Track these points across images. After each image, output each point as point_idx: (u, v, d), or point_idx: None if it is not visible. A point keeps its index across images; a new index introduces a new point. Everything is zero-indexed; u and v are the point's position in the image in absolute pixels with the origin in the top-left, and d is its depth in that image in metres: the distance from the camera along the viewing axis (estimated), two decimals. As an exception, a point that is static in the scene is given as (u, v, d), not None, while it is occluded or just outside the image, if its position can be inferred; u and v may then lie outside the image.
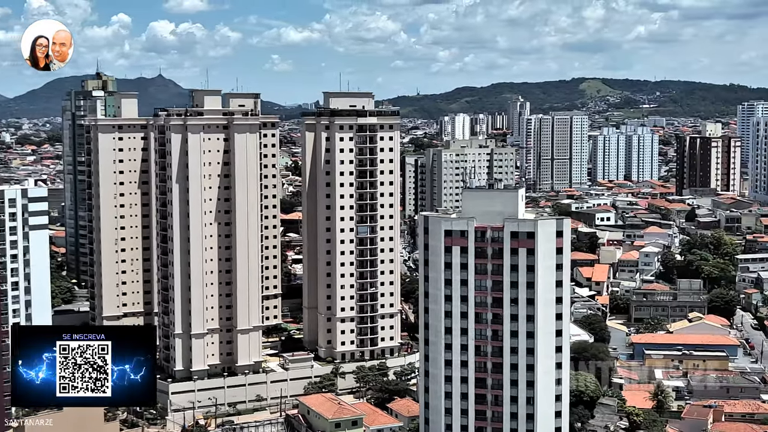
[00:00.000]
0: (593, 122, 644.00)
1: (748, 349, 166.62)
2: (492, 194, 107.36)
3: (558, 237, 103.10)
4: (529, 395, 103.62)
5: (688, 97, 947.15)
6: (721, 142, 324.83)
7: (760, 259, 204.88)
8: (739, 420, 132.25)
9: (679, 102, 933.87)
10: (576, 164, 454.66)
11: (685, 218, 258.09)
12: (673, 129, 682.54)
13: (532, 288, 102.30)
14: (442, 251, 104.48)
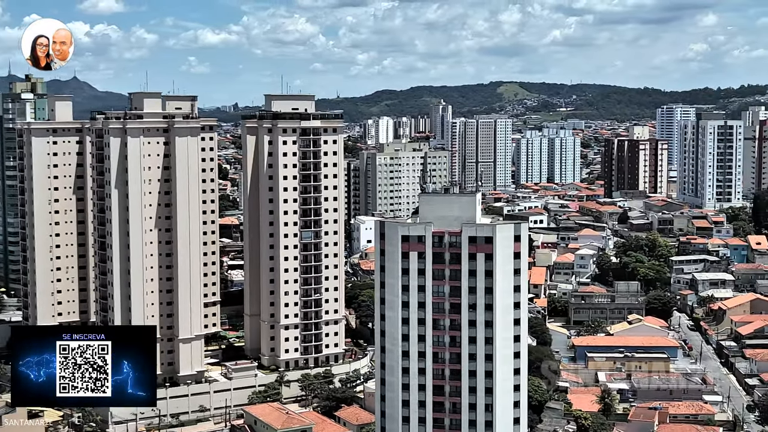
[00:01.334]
0: (513, 125, 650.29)
1: (687, 350, 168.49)
2: (449, 199, 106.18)
3: (516, 241, 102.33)
4: (488, 402, 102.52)
5: (604, 101, 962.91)
6: (648, 145, 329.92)
7: (694, 260, 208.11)
8: (683, 421, 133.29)
9: (595, 105, 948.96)
10: (500, 167, 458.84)
11: (617, 220, 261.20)
12: (592, 132, 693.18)
13: (490, 293, 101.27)
14: (399, 257, 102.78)
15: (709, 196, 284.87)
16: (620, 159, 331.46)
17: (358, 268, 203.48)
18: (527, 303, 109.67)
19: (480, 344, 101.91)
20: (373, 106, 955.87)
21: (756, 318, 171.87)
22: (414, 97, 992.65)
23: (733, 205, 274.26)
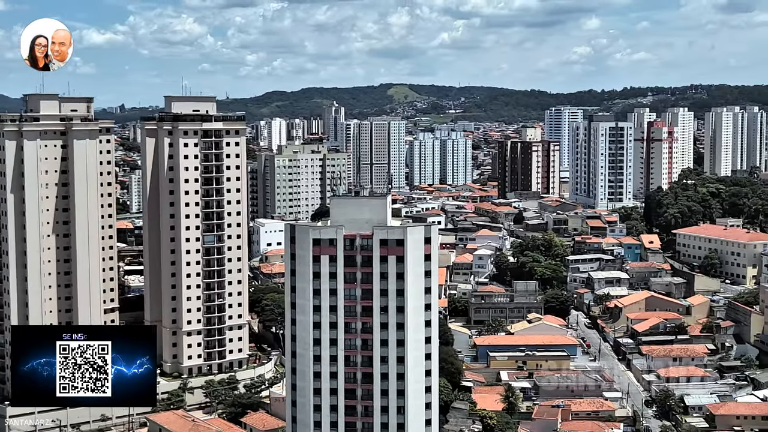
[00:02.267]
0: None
1: (586, 347, 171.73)
2: (360, 201, 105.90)
3: (426, 243, 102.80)
4: (400, 404, 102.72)
5: (492, 103, 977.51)
6: (541, 147, 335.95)
7: (589, 259, 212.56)
8: (585, 418, 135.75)
9: (484, 107, 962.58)
10: (394, 168, 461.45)
11: (513, 221, 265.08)
12: (481, 133, 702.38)
13: (401, 296, 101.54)
14: (310, 261, 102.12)
15: (601, 197, 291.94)
16: (513, 160, 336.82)
17: (259, 272, 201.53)
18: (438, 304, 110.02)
19: (392, 346, 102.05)
20: (264, 107, 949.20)
21: (651, 315, 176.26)
22: (305, 98, 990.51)
23: (625, 204, 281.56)
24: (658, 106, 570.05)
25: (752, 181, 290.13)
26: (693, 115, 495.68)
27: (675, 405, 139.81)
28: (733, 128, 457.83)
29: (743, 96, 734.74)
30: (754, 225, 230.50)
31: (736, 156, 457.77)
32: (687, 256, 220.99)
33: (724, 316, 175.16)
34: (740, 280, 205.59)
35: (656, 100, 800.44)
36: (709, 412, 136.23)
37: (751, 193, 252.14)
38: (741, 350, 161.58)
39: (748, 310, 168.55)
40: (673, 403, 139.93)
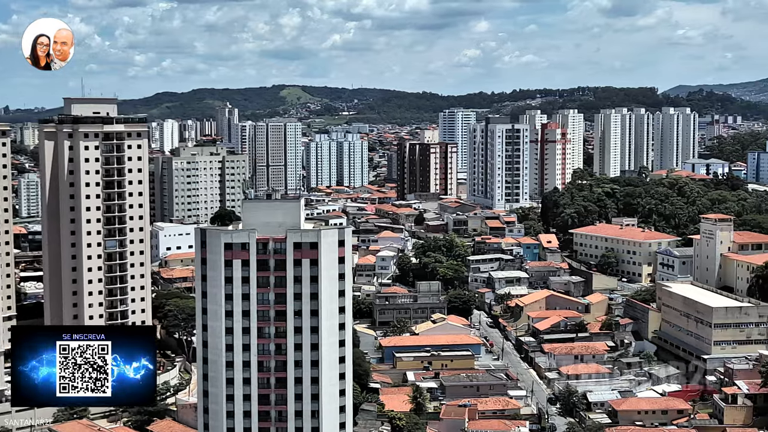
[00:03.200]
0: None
1: (489, 346, 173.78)
2: (273, 205, 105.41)
3: (340, 246, 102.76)
4: (314, 408, 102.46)
5: (385, 105, 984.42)
6: (439, 148, 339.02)
7: (490, 259, 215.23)
8: (491, 417, 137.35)
9: (377, 109, 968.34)
10: (291, 170, 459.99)
11: (414, 222, 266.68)
12: (376, 135, 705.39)
13: (315, 299, 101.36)
14: (222, 265, 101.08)
15: (498, 197, 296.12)
16: (412, 162, 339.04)
17: (159, 277, 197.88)
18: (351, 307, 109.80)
19: (306, 351, 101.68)
20: (154, 108, 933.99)
21: (551, 313, 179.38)
22: (196, 99, 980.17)
23: (522, 205, 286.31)
24: (546, 108, 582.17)
25: (644, 181, 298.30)
26: (583, 117, 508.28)
27: (578, 402, 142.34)
28: (621, 129, 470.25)
29: (628, 98, 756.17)
30: (649, 224, 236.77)
31: (625, 157, 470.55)
32: (584, 255, 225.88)
33: (623, 313, 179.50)
34: (636, 278, 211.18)
35: (545, 102, 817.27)
36: (611, 408, 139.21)
37: (644, 193, 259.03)
38: (639, 347, 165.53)
39: (646, 307, 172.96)
40: (577, 400, 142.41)
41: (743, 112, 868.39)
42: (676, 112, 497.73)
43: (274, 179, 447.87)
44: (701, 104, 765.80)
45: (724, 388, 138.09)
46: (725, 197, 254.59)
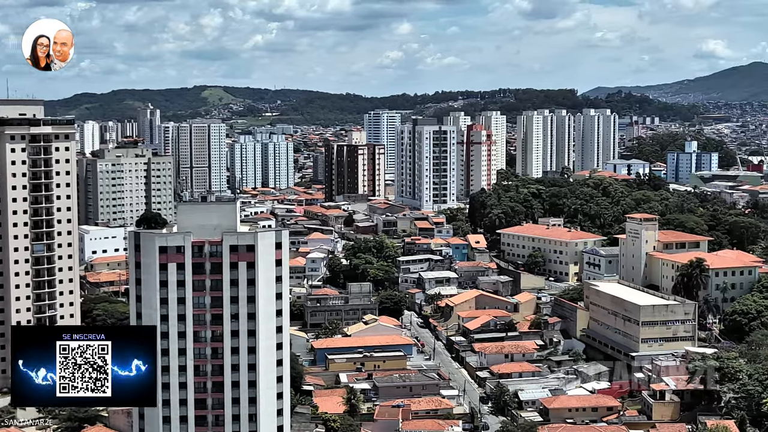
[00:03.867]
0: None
1: (420, 347, 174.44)
2: (208, 207, 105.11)
3: (277, 249, 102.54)
4: (252, 412, 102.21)
5: (309, 106, 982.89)
6: (367, 150, 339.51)
7: (420, 260, 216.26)
8: (425, 417, 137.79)
9: (300, 110, 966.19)
10: (215, 172, 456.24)
11: (343, 223, 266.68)
12: (300, 136, 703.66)
13: (253, 302, 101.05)
14: (157, 269, 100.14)
15: (426, 198, 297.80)
16: (340, 163, 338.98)
17: (85, 281, 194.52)
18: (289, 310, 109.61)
19: (243, 354, 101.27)
20: (73, 109, 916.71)
21: (481, 313, 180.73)
22: (116, 100, 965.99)
23: (450, 206, 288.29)
24: (468, 110, 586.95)
25: (569, 182, 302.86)
26: (505, 119, 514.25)
27: (510, 400, 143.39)
28: (543, 131, 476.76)
29: (549, 99, 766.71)
30: (574, 224, 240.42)
31: (547, 157, 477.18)
32: (512, 255, 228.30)
33: (551, 312, 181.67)
34: (563, 278, 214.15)
35: (467, 103, 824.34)
36: (542, 406, 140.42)
37: (569, 193, 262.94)
38: (568, 345, 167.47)
39: (574, 306, 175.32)
40: (508, 399, 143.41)
41: (660, 113, 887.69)
42: (597, 114, 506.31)
43: (198, 181, 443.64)
44: (620, 106, 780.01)
45: (652, 384, 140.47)
46: (649, 197, 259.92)
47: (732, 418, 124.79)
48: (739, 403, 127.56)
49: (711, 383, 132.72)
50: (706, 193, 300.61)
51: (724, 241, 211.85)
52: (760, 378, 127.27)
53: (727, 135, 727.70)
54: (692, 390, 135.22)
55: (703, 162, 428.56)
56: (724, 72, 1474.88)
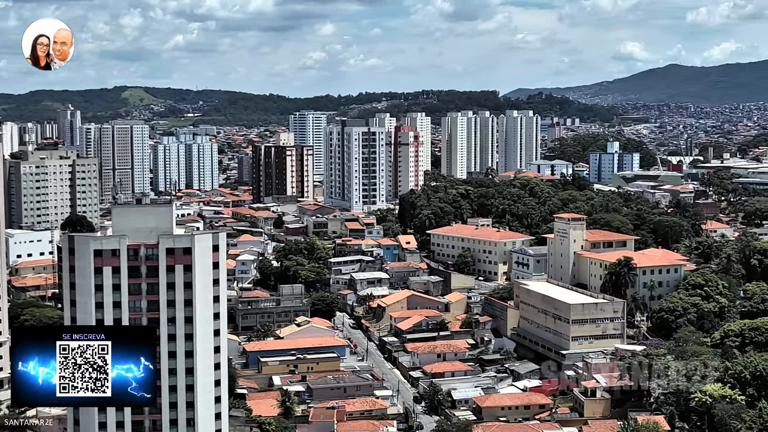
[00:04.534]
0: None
1: (353, 348, 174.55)
2: (144, 210, 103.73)
3: (215, 251, 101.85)
4: (190, 416, 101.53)
5: (231, 106, 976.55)
6: (295, 151, 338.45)
7: (351, 261, 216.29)
8: (359, 418, 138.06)
9: (223, 111, 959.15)
10: (138, 174, 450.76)
11: (273, 225, 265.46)
12: (224, 137, 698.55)
13: (190, 306, 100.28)
14: (92, 273, 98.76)
15: (356, 199, 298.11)
16: (268, 164, 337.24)
17: (10, 286, 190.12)
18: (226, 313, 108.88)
19: (180, 358, 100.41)
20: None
21: (413, 313, 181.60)
22: (34, 101, 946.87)
23: (379, 207, 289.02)
24: (392, 111, 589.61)
25: (496, 183, 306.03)
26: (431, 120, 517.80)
27: (443, 400, 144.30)
28: (467, 132, 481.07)
29: (471, 101, 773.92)
30: (503, 224, 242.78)
31: (471, 158, 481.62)
32: (442, 255, 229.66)
33: (481, 311, 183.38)
34: (493, 277, 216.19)
35: (390, 105, 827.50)
36: (475, 405, 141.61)
37: (497, 194, 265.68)
38: (499, 344, 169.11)
39: (504, 305, 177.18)
40: (442, 398, 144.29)
41: (580, 114, 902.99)
42: (520, 115, 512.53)
43: (121, 183, 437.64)
44: (540, 107, 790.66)
45: (582, 382, 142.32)
46: (575, 197, 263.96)
47: (661, 414, 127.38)
48: (668, 398, 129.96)
49: (641, 380, 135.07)
50: (629, 193, 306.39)
51: (649, 240, 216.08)
52: (688, 374, 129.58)
53: (646, 136, 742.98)
54: (622, 387, 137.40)
55: (624, 162, 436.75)
56: (641, 74, 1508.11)
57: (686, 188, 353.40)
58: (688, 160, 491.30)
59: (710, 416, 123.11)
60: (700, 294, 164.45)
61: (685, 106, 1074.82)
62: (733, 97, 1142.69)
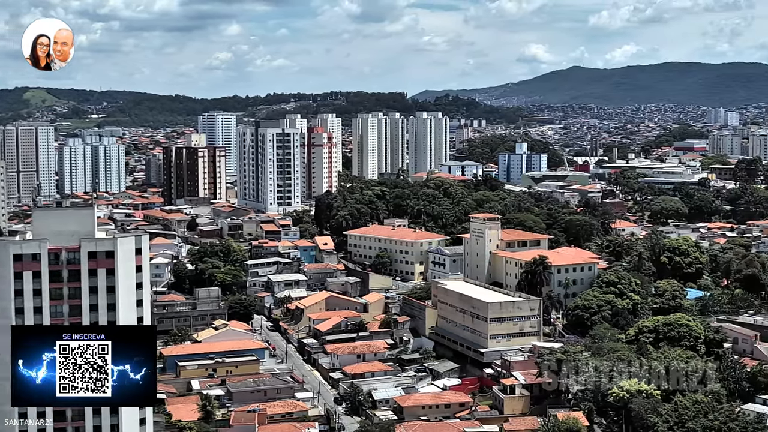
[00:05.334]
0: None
1: (272, 350, 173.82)
2: (65, 213, 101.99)
3: (138, 255, 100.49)
4: (114, 422, 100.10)
5: (137, 107, 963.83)
6: (207, 152, 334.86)
7: (268, 263, 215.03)
8: (281, 420, 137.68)
9: (128, 112, 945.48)
10: (44, 176, 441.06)
11: (186, 227, 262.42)
12: (130, 139, 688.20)
13: (113, 310, 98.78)
14: (11, 278, 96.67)
15: (271, 201, 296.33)
16: (179, 166, 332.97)
17: None
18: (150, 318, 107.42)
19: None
20: None
21: (331, 314, 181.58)
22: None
23: (295, 208, 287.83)
24: (301, 112, 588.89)
25: (411, 184, 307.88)
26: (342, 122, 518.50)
27: (364, 400, 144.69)
28: (378, 133, 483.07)
29: (380, 103, 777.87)
30: (419, 224, 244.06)
31: (382, 160, 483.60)
32: (359, 256, 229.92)
33: (399, 311, 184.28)
34: (409, 277, 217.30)
35: (299, 106, 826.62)
36: (396, 405, 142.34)
37: (412, 194, 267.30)
38: (418, 343, 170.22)
39: (422, 304, 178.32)
40: (363, 399, 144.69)
41: (487, 116, 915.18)
42: (429, 117, 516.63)
43: (25, 186, 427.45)
44: (448, 108, 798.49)
45: (501, 379, 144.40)
46: (488, 197, 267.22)
47: (580, 410, 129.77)
48: (585, 394, 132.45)
49: (559, 377, 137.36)
50: (540, 193, 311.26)
51: (561, 239, 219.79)
52: (604, 370, 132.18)
53: (551, 137, 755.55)
54: (541, 383, 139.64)
55: (533, 163, 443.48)
56: (545, 75, 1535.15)
57: (594, 188, 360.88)
58: (594, 161, 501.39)
59: (627, 411, 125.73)
60: (614, 291, 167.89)
61: (589, 107, 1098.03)
62: (635, 99, 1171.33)
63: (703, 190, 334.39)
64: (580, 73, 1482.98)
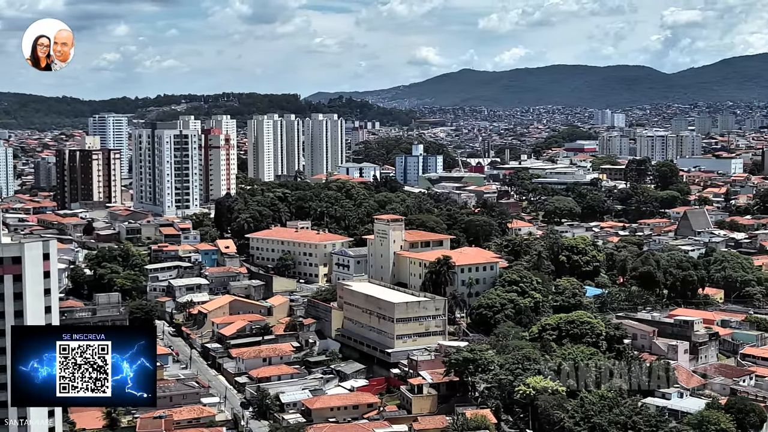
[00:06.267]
0: None
1: (176, 356, 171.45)
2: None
3: (45, 260, 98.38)
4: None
5: (22, 109, 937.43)
6: (101, 155, 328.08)
7: (168, 267, 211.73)
8: (188, 426, 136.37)
9: (13, 114, 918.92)
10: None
11: (83, 232, 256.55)
12: (17, 142, 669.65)
13: (21, 317, 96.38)
14: None
15: (168, 204, 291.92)
16: (72, 169, 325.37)
17: None
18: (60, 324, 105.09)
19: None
20: None
21: (236, 318, 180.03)
22: None
23: (194, 211, 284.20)
24: (193, 114, 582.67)
25: (312, 186, 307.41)
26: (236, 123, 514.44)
27: (272, 404, 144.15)
28: (273, 135, 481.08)
29: (273, 104, 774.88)
30: (322, 226, 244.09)
31: (278, 161, 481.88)
32: (262, 259, 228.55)
33: (305, 314, 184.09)
34: (314, 279, 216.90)
35: (190, 107, 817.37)
36: (304, 407, 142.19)
37: (314, 196, 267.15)
38: (324, 345, 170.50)
39: (328, 306, 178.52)
40: (270, 402, 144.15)
41: (380, 118, 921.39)
42: (325, 118, 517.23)
43: None
44: (342, 110, 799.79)
45: (409, 379, 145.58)
46: (390, 198, 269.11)
47: (487, 407, 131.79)
48: (492, 392, 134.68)
49: (465, 375, 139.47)
50: (438, 194, 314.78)
51: (462, 239, 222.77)
52: (510, 368, 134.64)
53: (443, 139, 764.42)
54: (448, 382, 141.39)
55: (429, 164, 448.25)
56: (436, 78, 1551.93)
57: (489, 189, 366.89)
58: (487, 162, 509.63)
59: (534, 407, 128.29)
60: (516, 290, 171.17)
61: (479, 109, 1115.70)
62: (524, 101, 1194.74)
63: (595, 190, 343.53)
64: (470, 76, 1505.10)
